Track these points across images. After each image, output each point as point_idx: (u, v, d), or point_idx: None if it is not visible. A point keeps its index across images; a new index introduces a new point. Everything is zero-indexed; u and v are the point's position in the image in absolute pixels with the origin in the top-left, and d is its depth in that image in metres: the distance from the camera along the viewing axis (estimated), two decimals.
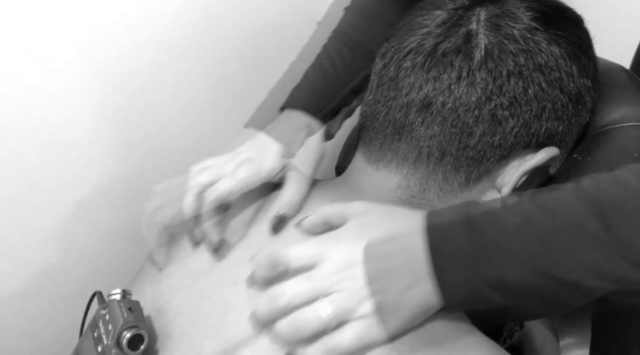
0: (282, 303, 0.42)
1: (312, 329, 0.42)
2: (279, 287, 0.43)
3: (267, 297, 0.43)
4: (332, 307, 0.42)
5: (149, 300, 0.51)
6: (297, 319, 0.42)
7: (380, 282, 0.42)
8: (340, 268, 0.43)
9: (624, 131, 0.54)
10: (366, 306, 0.42)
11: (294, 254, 0.45)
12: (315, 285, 0.43)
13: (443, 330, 0.42)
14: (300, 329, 0.42)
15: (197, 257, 0.52)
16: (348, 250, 0.44)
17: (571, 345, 0.92)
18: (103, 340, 0.44)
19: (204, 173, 0.54)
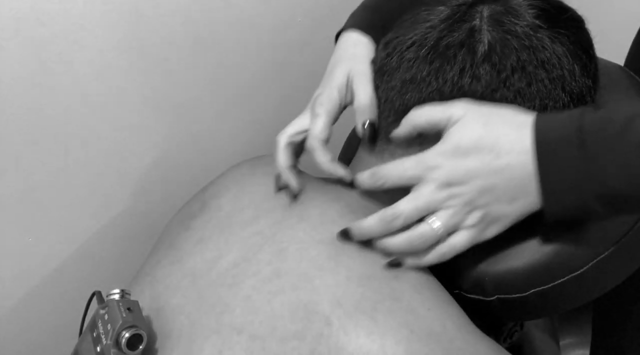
0: (399, 224, 0.47)
1: (427, 243, 0.47)
2: (391, 210, 0.47)
3: (380, 219, 0.47)
4: (442, 222, 0.46)
5: (148, 300, 0.51)
6: (413, 235, 0.46)
7: (485, 198, 0.45)
8: (445, 186, 0.46)
9: None
10: (471, 219, 0.46)
11: (396, 174, 0.48)
12: (423, 205, 0.46)
13: (442, 329, 0.42)
14: (414, 243, 0.46)
15: (196, 258, 0.52)
16: (450, 169, 0.46)
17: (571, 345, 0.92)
18: (102, 340, 0.44)
19: (287, 128, 0.56)
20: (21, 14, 0.56)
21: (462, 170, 0.45)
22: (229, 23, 0.69)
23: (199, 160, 0.75)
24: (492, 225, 0.47)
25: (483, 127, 0.45)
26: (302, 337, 0.42)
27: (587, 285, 0.50)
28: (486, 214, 0.46)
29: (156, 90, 0.67)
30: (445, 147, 0.46)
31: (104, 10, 0.60)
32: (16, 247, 0.66)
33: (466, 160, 0.45)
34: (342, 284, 0.44)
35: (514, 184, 0.44)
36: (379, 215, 0.47)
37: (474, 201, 0.46)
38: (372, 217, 0.48)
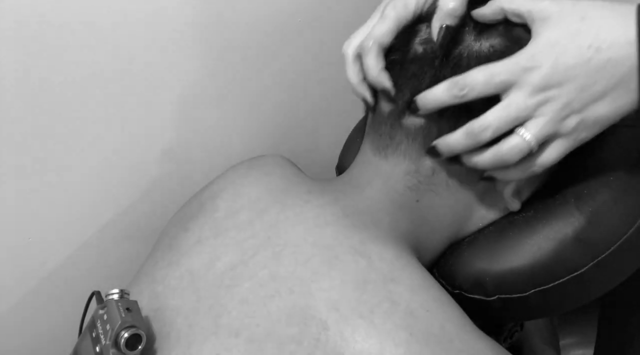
0: (487, 136, 0.44)
1: (518, 156, 0.44)
2: (479, 122, 0.44)
3: (467, 132, 0.45)
4: (534, 133, 0.43)
5: (147, 300, 0.51)
6: (503, 149, 0.44)
7: (583, 100, 0.42)
8: (536, 91, 0.42)
9: (624, 132, 0.54)
10: (566, 126, 0.43)
11: (482, 80, 0.44)
12: (515, 114, 0.43)
13: (441, 330, 0.42)
14: (505, 157, 0.44)
15: (193, 259, 0.52)
16: (543, 73, 0.42)
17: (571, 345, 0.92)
18: (101, 340, 0.44)
19: (353, 38, 0.51)
20: (21, 14, 0.56)
21: (561, 70, 0.42)
22: (229, 23, 0.69)
23: (199, 160, 0.75)
24: (587, 130, 0.43)
25: (581, 21, 0.42)
26: (299, 341, 0.42)
27: (587, 286, 0.50)
28: (583, 119, 0.43)
29: (156, 91, 0.67)
30: (539, 46, 0.43)
31: (105, 10, 0.60)
32: (16, 247, 0.66)
33: (564, 58, 0.42)
34: (337, 288, 0.44)
35: (615, 81, 0.41)
36: (465, 128, 0.45)
37: (570, 104, 0.42)
38: (459, 131, 0.45)
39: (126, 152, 0.69)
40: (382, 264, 0.46)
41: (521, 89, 0.43)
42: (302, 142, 0.85)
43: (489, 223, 0.55)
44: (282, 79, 0.78)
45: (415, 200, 0.52)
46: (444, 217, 0.53)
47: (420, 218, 0.52)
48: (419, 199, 0.52)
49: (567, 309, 0.53)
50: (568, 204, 0.50)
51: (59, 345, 0.70)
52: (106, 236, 0.72)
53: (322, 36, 0.78)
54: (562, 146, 0.44)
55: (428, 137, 0.50)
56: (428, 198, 0.52)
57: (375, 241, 0.48)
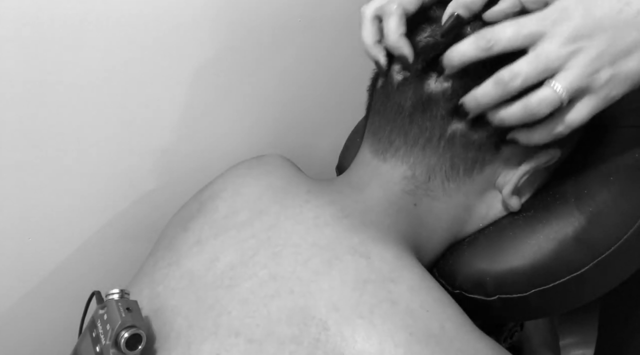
0: (516, 85, 0.43)
1: (548, 109, 0.43)
2: (508, 70, 0.43)
3: (496, 81, 0.43)
4: (565, 85, 0.42)
5: (147, 300, 0.51)
6: (532, 101, 0.43)
7: (615, 53, 0.42)
8: (567, 42, 0.42)
9: (624, 132, 0.54)
10: (598, 80, 0.42)
11: (510, 32, 0.43)
12: (546, 63, 0.42)
13: (441, 330, 0.42)
14: (534, 110, 0.43)
15: (193, 259, 0.52)
16: (573, 24, 0.42)
17: (571, 345, 0.92)
18: (101, 340, 0.44)
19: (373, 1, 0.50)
20: (21, 14, 0.56)
21: (591, 22, 0.41)
22: (228, 23, 0.69)
23: (199, 160, 0.75)
24: (618, 86, 0.43)
25: None
26: (299, 341, 0.42)
27: (587, 286, 0.50)
28: (614, 74, 0.42)
29: (156, 91, 0.67)
30: (566, 1, 0.42)
31: (103, 10, 0.59)
32: (16, 247, 0.66)
33: (594, 9, 0.42)
34: (337, 288, 0.44)
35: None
36: (493, 78, 0.44)
37: (601, 57, 0.42)
38: (486, 82, 0.44)
39: (126, 152, 0.69)
40: (382, 264, 0.46)
41: (551, 39, 0.42)
42: (302, 142, 0.85)
43: (489, 223, 0.55)
44: (282, 79, 0.78)
45: (413, 204, 0.52)
46: (443, 220, 0.53)
47: (419, 221, 0.52)
48: (417, 202, 0.52)
49: (567, 309, 0.53)
50: (568, 204, 0.50)
51: (59, 345, 0.70)
52: (106, 236, 0.72)
53: (322, 36, 0.78)
54: (592, 102, 0.43)
55: (429, 141, 0.50)
56: (426, 202, 0.52)
57: (375, 241, 0.48)
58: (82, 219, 0.69)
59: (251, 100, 0.76)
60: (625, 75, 0.43)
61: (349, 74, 0.81)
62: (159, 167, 0.72)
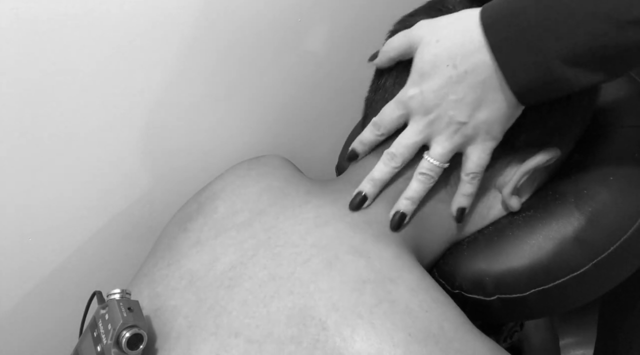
0: (398, 162, 0.50)
1: (436, 174, 0.50)
2: (389, 151, 0.50)
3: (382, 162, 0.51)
4: (438, 151, 0.49)
5: (147, 301, 0.51)
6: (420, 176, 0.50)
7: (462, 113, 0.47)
8: (425, 113, 0.48)
9: (624, 132, 0.54)
10: (464, 136, 0.48)
11: (387, 118, 0.51)
12: (411, 139, 0.49)
13: (440, 330, 0.42)
14: (429, 180, 0.50)
15: (193, 260, 0.52)
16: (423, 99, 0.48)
17: (571, 345, 0.93)
18: (102, 339, 0.44)
19: None
20: (21, 14, 0.56)
21: (432, 92, 0.47)
22: (228, 23, 0.69)
23: (199, 160, 0.75)
24: (487, 133, 0.47)
25: (436, 44, 0.47)
26: (299, 342, 0.42)
27: (587, 285, 0.50)
28: (475, 126, 0.47)
29: (156, 91, 0.67)
30: (413, 78, 0.48)
31: (103, 10, 0.60)
32: (16, 247, 0.66)
33: (432, 81, 0.47)
34: (337, 289, 0.44)
35: (484, 86, 0.45)
36: (381, 159, 0.51)
37: (455, 118, 0.47)
38: (379, 162, 0.51)
39: (126, 152, 0.69)
40: (381, 264, 0.46)
41: (412, 116, 0.49)
42: (302, 142, 0.85)
43: (489, 223, 0.55)
44: (281, 79, 0.78)
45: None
46: (443, 221, 0.53)
47: (419, 221, 0.52)
48: (419, 203, 0.52)
49: (567, 309, 0.53)
50: (568, 204, 0.51)
51: (59, 345, 0.70)
52: (106, 236, 0.72)
53: (322, 36, 0.78)
54: (477, 149, 0.48)
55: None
56: (426, 203, 0.52)
57: (374, 241, 0.48)
58: (82, 219, 0.69)
59: (251, 100, 0.76)
60: (487, 123, 0.47)
61: (348, 74, 0.81)
62: (159, 167, 0.72)
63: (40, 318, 0.71)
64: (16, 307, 0.69)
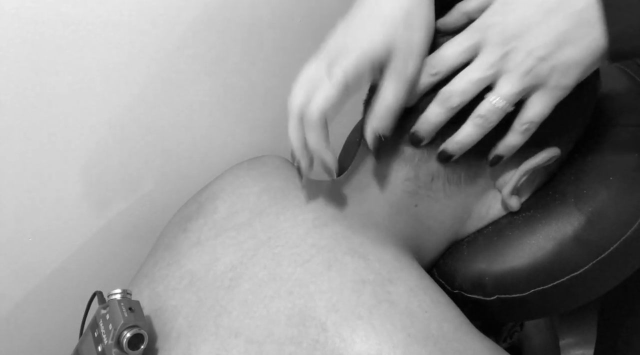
0: (456, 101, 0.44)
1: (495, 120, 0.45)
2: (446, 88, 0.45)
3: (437, 102, 0.45)
4: (502, 94, 0.43)
5: (147, 301, 0.51)
6: (476, 120, 0.45)
7: (545, 47, 0.42)
8: (496, 47, 0.43)
9: (624, 132, 0.54)
10: (538, 77, 0.43)
11: (449, 52, 0.45)
12: (478, 74, 0.44)
13: (440, 331, 0.42)
14: (483, 125, 0.45)
15: (193, 260, 0.52)
16: (504, 28, 0.43)
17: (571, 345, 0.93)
18: (103, 339, 0.44)
19: (297, 90, 0.48)
20: (21, 14, 0.56)
21: (517, 21, 0.43)
22: (228, 23, 0.69)
23: (198, 161, 0.75)
24: (564, 77, 0.43)
25: None
26: (299, 342, 0.42)
27: (587, 286, 0.50)
28: (554, 66, 0.43)
29: (156, 91, 0.67)
30: (495, 7, 0.44)
31: (104, 10, 0.60)
32: (16, 247, 0.66)
33: (519, 9, 0.43)
34: (336, 289, 0.44)
35: (574, 21, 0.41)
36: (435, 99, 0.46)
37: (533, 53, 0.42)
38: (432, 104, 0.46)
39: (126, 152, 0.69)
40: (381, 265, 0.46)
41: (483, 49, 0.44)
42: None
43: (489, 223, 0.55)
44: (281, 80, 0.78)
45: (413, 205, 0.52)
46: (443, 221, 0.53)
47: (418, 222, 0.52)
48: (418, 203, 0.52)
49: (566, 309, 0.53)
50: (568, 204, 0.51)
51: (59, 345, 0.70)
52: (106, 236, 0.72)
53: (322, 36, 0.78)
54: (545, 96, 0.44)
55: (430, 146, 0.50)
56: (426, 203, 0.52)
57: (374, 242, 0.48)
58: (82, 219, 0.69)
59: (251, 100, 0.76)
60: (567, 65, 0.43)
61: None
62: (159, 167, 0.72)
63: (41, 318, 0.71)
64: (16, 307, 0.69)
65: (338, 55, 0.46)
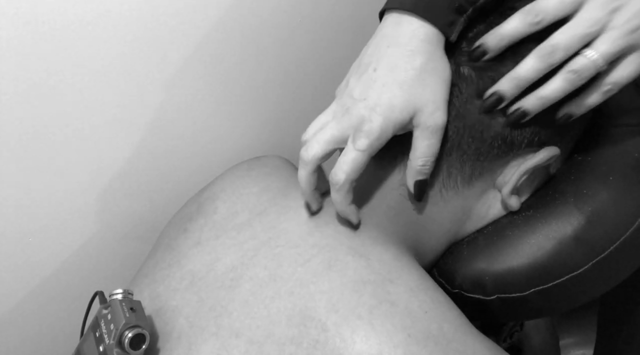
0: (558, 57, 0.43)
1: (586, 78, 0.43)
2: (549, 42, 0.43)
3: (538, 55, 0.44)
4: (601, 52, 0.42)
5: (147, 301, 0.51)
6: (569, 73, 0.43)
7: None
8: (605, 3, 0.42)
9: (624, 132, 0.54)
10: (638, 39, 0.42)
11: (553, 2, 0.43)
12: (584, 31, 0.42)
13: (440, 331, 0.42)
14: (574, 81, 0.43)
15: (194, 260, 0.52)
16: None
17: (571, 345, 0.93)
18: (105, 339, 0.44)
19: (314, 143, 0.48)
20: (21, 14, 0.56)
21: None
22: (228, 23, 0.69)
23: (199, 160, 0.75)
24: None
25: None
26: (299, 342, 0.42)
27: (587, 285, 0.50)
28: None
29: (156, 91, 0.67)
30: None
31: (104, 10, 0.60)
32: (16, 247, 0.66)
33: None
34: (337, 290, 0.44)
35: None
36: (535, 51, 0.44)
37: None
38: (527, 58, 0.45)
39: (126, 151, 0.69)
40: (381, 265, 0.46)
41: (588, 4, 0.43)
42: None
43: (489, 223, 0.55)
44: (281, 79, 0.78)
45: (412, 209, 0.52)
46: (442, 223, 0.53)
47: (417, 224, 0.52)
48: (415, 207, 0.52)
49: (566, 309, 0.53)
50: (567, 204, 0.51)
51: (60, 345, 0.70)
52: (106, 236, 0.72)
53: (322, 36, 0.78)
54: (631, 63, 0.44)
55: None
56: (424, 207, 0.52)
57: (374, 243, 0.48)
58: (82, 219, 0.69)
59: (251, 100, 0.76)
60: None
61: None
62: (159, 167, 0.72)
63: (41, 318, 0.71)
64: (16, 307, 0.69)
65: (361, 122, 0.46)
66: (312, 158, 0.48)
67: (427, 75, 0.46)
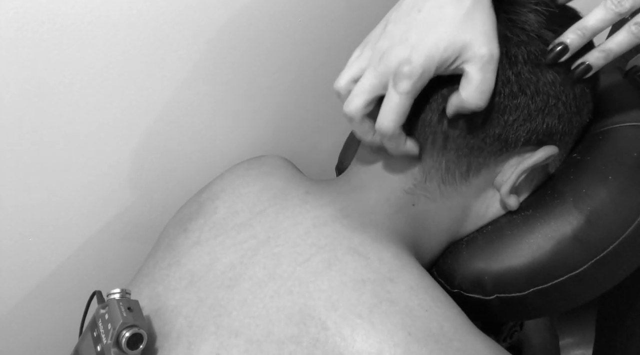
0: (628, 6, 0.43)
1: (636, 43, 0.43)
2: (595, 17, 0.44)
3: (605, 6, 0.43)
4: None
5: (147, 301, 0.51)
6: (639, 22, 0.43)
7: None
8: None
9: (623, 131, 0.54)
10: None
11: None
12: None
13: (440, 330, 0.42)
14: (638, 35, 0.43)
15: (193, 260, 0.52)
16: None
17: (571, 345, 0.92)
18: (102, 339, 0.44)
19: (345, 72, 0.48)
20: (21, 14, 0.56)
21: None
22: (228, 23, 0.69)
23: (198, 160, 0.75)
24: None
25: None
26: (299, 341, 0.42)
27: (586, 285, 0.50)
28: None
29: (155, 91, 0.67)
30: None
31: (104, 10, 0.60)
32: (16, 247, 0.66)
33: None
34: (336, 288, 0.44)
35: None
36: (602, 3, 0.44)
37: None
38: (596, 9, 0.44)
39: (126, 152, 0.69)
40: (381, 264, 0.46)
41: None
42: (302, 143, 0.85)
43: (488, 222, 0.55)
44: (281, 79, 0.78)
45: (411, 204, 0.52)
46: (441, 221, 0.53)
47: (417, 221, 0.52)
48: (415, 202, 0.52)
49: (566, 309, 0.53)
50: (567, 203, 0.51)
51: (59, 345, 0.70)
52: (106, 236, 0.72)
53: (322, 36, 0.78)
54: None
55: (424, 144, 0.50)
56: (423, 203, 0.52)
57: (374, 242, 0.48)
58: (82, 219, 0.70)
59: (251, 100, 0.76)
60: None
61: None
62: (159, 167, 0.72)
63: (40, 318, 0.71)
64: (16, 307, 0.69)
65: (401, 64, 0.44)
66: (355, 112, 0.47)
67: (477, 12, 0.44)
